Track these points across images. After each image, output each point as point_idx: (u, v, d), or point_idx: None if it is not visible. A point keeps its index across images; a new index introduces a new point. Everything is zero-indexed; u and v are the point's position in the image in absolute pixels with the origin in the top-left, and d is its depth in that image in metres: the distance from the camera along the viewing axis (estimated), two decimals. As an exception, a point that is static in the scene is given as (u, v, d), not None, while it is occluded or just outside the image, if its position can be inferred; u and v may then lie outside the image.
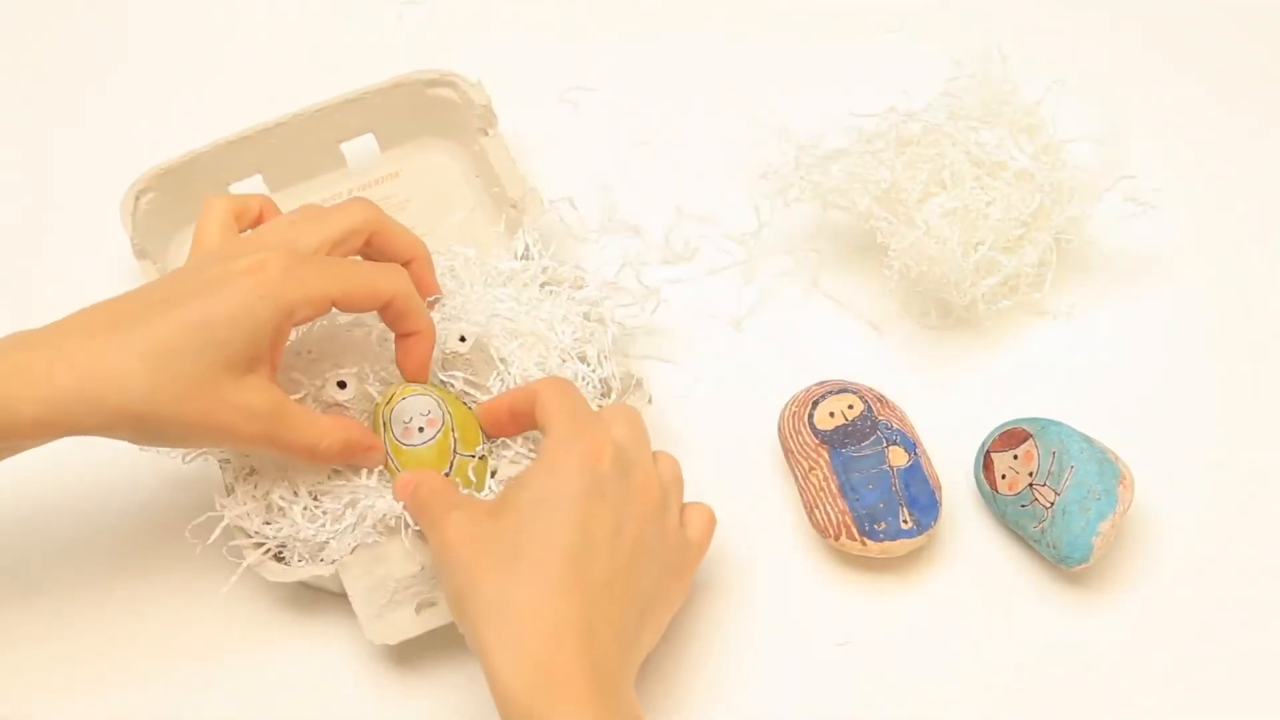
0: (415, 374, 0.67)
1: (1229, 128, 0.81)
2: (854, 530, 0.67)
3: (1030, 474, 0.68)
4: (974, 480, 0.70)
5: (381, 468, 0.67)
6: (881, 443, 0.69)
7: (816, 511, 0.68)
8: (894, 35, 0.85)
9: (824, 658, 0.68)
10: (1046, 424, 0.69)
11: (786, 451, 0.71)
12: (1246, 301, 0.76)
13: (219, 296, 0.60)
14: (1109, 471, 0.66)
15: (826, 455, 0.69)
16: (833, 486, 0.68)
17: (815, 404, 0.70)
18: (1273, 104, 0.82)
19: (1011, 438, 0.69)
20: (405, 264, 0.67)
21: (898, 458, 0.69)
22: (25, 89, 0.87)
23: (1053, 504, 0.66)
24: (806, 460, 0.69)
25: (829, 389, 0.71)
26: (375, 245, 0.66)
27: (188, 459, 0.68)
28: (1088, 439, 0.68)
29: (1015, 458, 0.68)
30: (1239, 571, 0.69)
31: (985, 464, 0.69)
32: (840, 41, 0.85)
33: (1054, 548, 0.66)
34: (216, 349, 0.60)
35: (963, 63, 0.78)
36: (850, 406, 0.70)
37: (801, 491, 0.70)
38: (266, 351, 0.62)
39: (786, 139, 0.77)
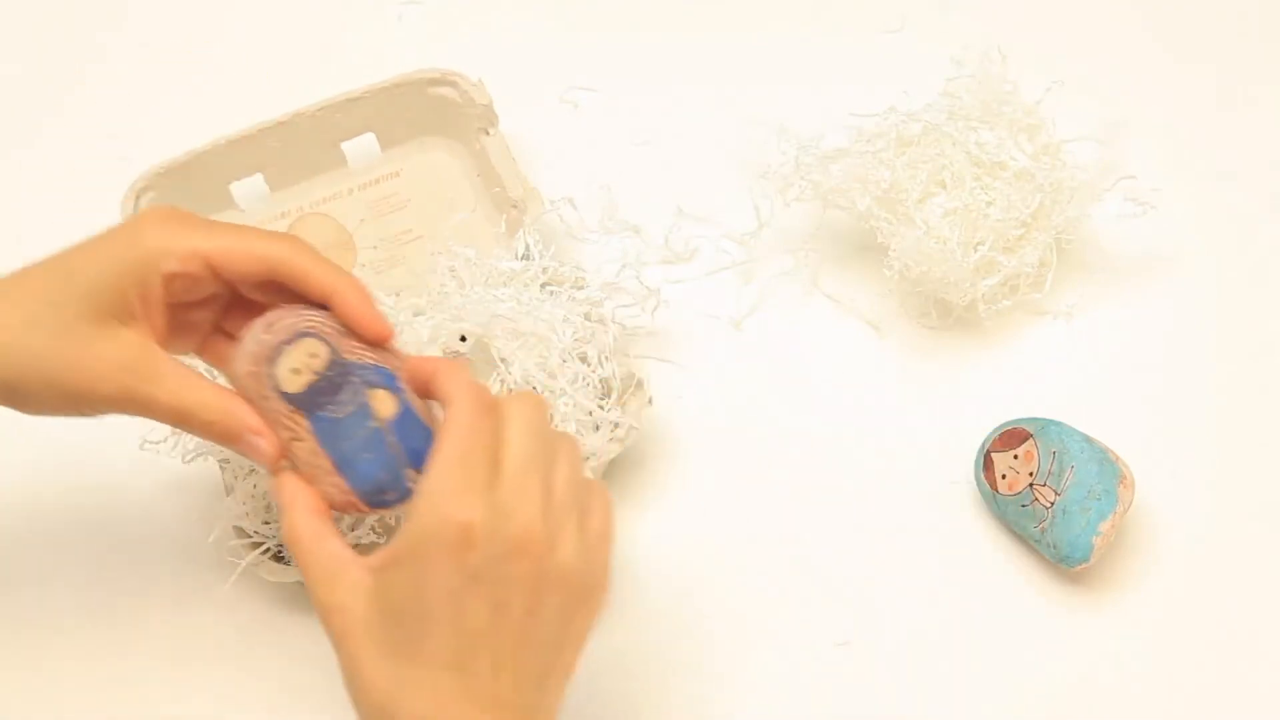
0: (372, 334, 0.59)
1: (1229, 128, 0.81)
2: (362, 505, 0.58)
3: (1031, 474, 0.68)
4: (974, 480, 0.70)
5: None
6: (360, 392, 0.59)
7: (316, 485, 0.58)
8: (894, 35, 0.86)
9: (824, 657, 0.68)
10: (1047, 424, 0.69)
11: (258, 411, 0.60)
12: (1246, 301, 0.76)
13: (86, 246, 0.59)
14: (1109, 471, 0.66)
15: (306, 423, 0.59)
16: (325, 463, 0.58)
17: (273, 361, 0.59)
18: (1273, 104, 0.82)
19: (1012, 438, 0.69)
20: (326, 304, 0.59)
21: (384, 407, 0.58)
22: (25, 87, 0.87)
23: (1053, 504, 0.66)
24: (286, 430, 0.59)
25: (282, 337, 0.59)
26: (287, 281, 0.59)
27: (188, 459, 0.68)
28: (1088, 439, 0.68)
29: (1015, 458, 0.68)
30: (1239, 571, 0.69)
31: (985, 464, 0.69)
32: (840, 41, 0.86)
33: (1054, 548, 0.66)
34: (79, 299, 0.57)
35: (963, 63, 0.78)
36: (313, 355, 0.59)
37: (292, 459, 0.59)
38: (137, 306, 0.58)
39: (786, 139, 0.76)
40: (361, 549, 0.66)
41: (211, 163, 0.76)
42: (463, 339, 0.67)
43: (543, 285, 0.72)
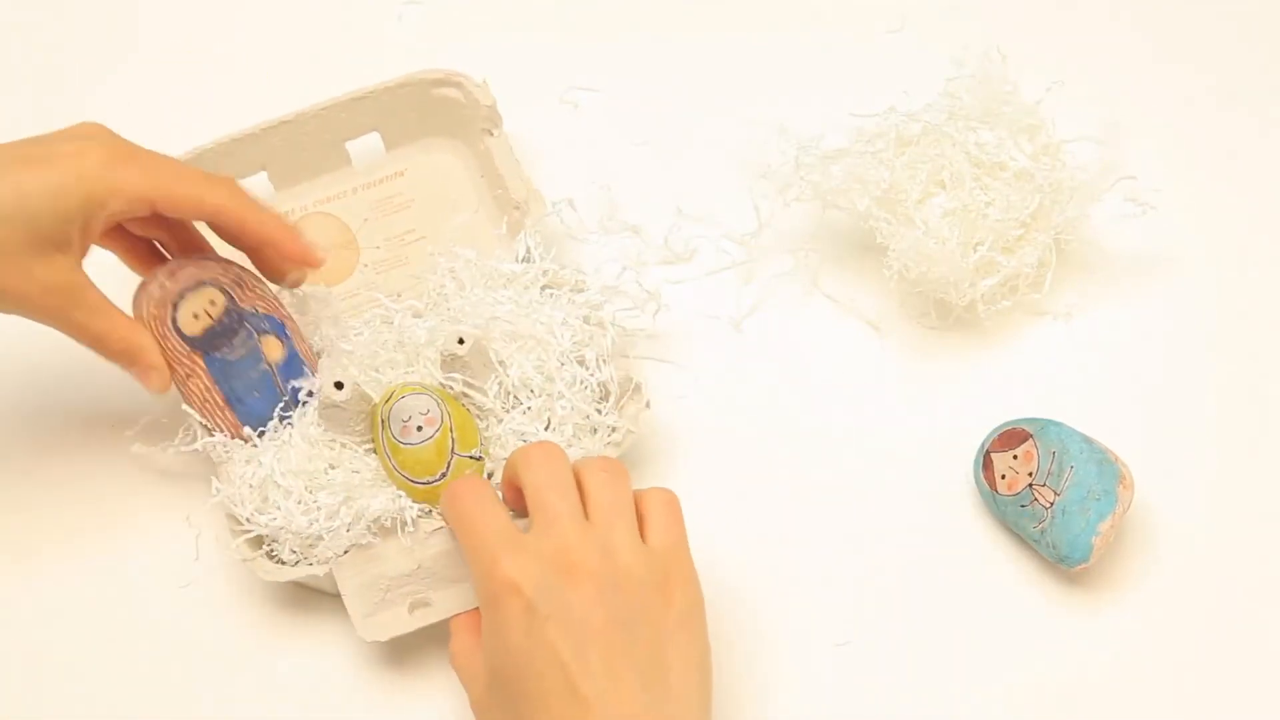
0: (309, 264, 0.67)
1: (1229, 128, 0.81)
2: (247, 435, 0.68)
3: (1030, 474, 0.68)
4: (974, 480, 0.70)
5: (378, 465, 0.67)
6: (253, 337, 0.67)
7: (206, 421, 0.68)
8: (894, 35, 0.85)
9: (824, 658, 0.68)
10: (1046, 424, 0.69)
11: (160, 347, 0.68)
12: (1246, 301, 0.76)
13: (35, 171, 0.61)
14: (1108, 472, 0.66)
15: (202, 363, 0.67)
16: (217, 398, 0.67)
17: (175, 305, 0.67)
18: (1273, 104, 0.82)
19: (1011, 438, 0.69)
20: (259, 247, 0.67)
21: (273, 350, 0.68)
22: (30, 85, 0.87)
23: (1052, 504, 0.66)
24: (181, 367, 0.67)
25: (184, 284, 0.67)
26: (225, 227, 0.66)
27: (184, 446, 0.68)
28: (1087, 439, 0.68)
29: (1015, 458, 0.68)
30: (1239, 571, 0.69)
31: (985, 464, 0.69)
32: (840, 41, 0.85)
33: (1054, 548, 0.66)
34: (24, 222, 0.61)
35: (963, 63, 0.78)
36: (212, 302, 0.67)
37: (185, 396, 0.68)
38: (76, 236, 0.62)
39: (786, 139, 0.76)
40: (357, 548, 0.66)
41: (215, 161, 0.76)
42: (460, 341, 0.67)
43: (543, 288, 0.72)
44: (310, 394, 0.68)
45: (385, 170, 0.80)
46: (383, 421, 0.66)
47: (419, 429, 0.66)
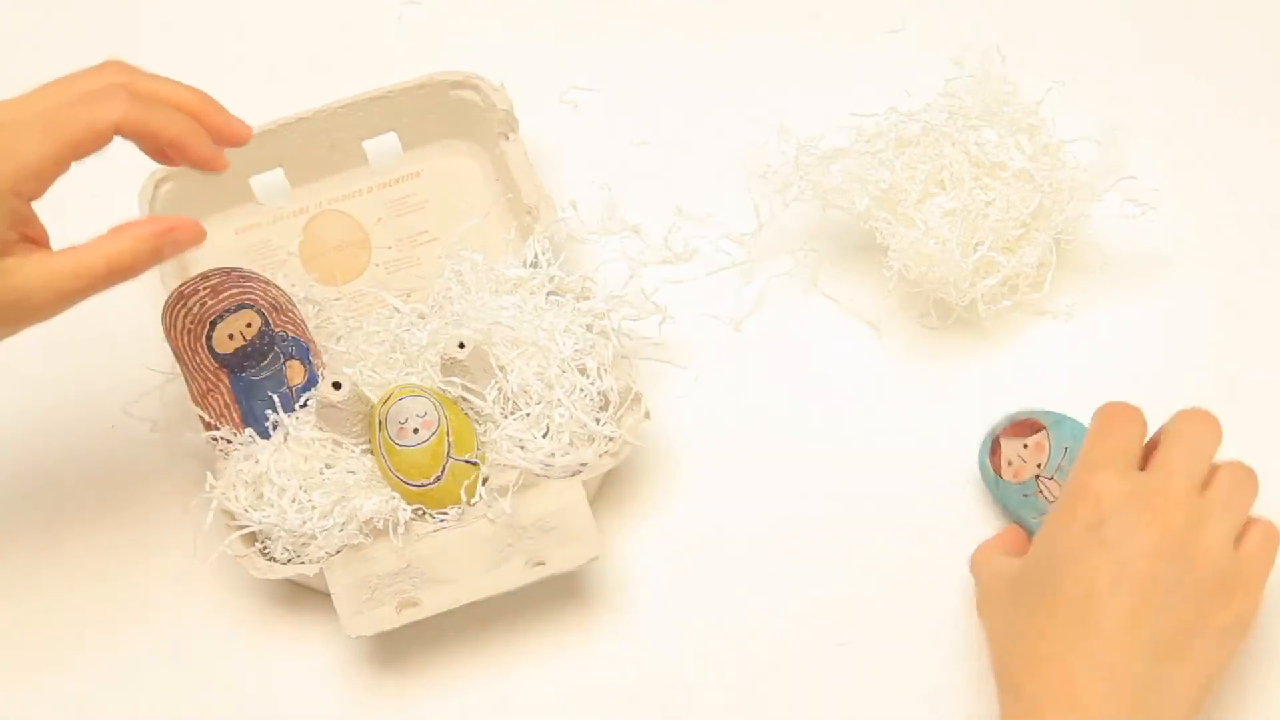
0: (237, 140, 0.62)
1: (1229, 128, 0.81)
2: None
3: (1039, 466, 0.68)
4: (977, 470, 0.70)
5: (374, 466, 0.67)
6: (279, 360, 0.68)
7: (218, 431, 0.67)
8: (894, 35, 0.85)
9: (824, 657, 0.68)
10: (1061, 419, 0.69)
11: (177, 355, 0.68)
12: (1246, 301, 0.76)
13: None
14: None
15: (227, 380, 0.68)
16: (234, 415, 0.68)
17: (213, 324, 0.67)
18: (1273, 104, 0.82)
19: (1024, 427, 0.69)
20: (179, 149, 0.61)
21: (296, 374, 0.68)
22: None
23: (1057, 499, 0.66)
24: (204, 380, 0.68)
25: (226, 305, 0.67)
26: (136, 140, 0.60)
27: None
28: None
29: (1025, 447, 0.68)
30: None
31: (993, 448, 0.69)
32: (840, 41, 0.85)
33: (1053, 545, 0.66)
34: None
35: (963, 63, 0.78)
36: (249, 325, 0.67)
37: (200, 406, 0.68)
38: (11, 235, 0.58)
39: (786, 139, 0.76)
40: (349, 548, 0.66)
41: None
42: (461, 346, 0.67)
43: (548, 294, 0.72)
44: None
45: (401, 170, 0.80)
46: (380, 422, 0.66)
47: (415, 431, 0.66)
